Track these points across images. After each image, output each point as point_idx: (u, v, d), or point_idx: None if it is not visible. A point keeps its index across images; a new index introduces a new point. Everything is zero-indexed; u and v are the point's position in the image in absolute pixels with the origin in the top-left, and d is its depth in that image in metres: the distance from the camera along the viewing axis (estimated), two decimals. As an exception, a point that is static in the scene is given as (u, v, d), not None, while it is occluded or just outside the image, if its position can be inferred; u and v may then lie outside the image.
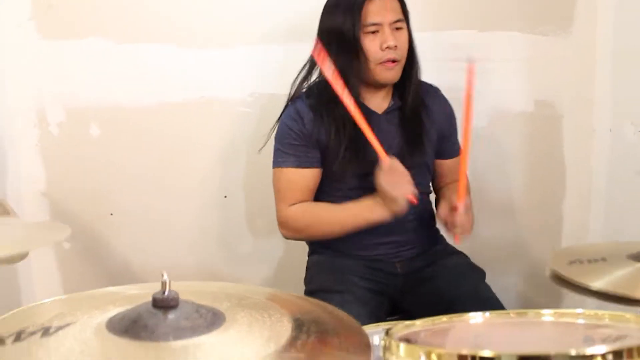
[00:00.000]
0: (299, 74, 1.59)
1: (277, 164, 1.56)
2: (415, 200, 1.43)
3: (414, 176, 1.46)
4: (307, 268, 1.69)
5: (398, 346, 0.75)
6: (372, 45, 1.47)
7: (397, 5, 1.51)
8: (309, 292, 1.60)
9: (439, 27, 1.93)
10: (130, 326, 0.71)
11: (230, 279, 1.97)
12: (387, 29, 1.47)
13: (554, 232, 2.11)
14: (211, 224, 1.99)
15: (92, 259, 1.96)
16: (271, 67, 1.90)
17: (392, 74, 1.51)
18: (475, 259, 1.65)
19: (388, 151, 1.46)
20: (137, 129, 1.90)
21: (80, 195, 1.90)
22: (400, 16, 1.50)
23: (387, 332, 0.81)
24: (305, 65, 1.59)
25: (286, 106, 1.59)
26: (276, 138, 1.58)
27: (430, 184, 1.69)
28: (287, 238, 1.61)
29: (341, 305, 0.84)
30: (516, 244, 2.11)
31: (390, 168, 1.43)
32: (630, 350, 0.59)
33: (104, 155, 1.89)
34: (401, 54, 1.50)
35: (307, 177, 1.54)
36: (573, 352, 0.59)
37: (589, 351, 0.60)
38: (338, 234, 1.54)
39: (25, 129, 1.85)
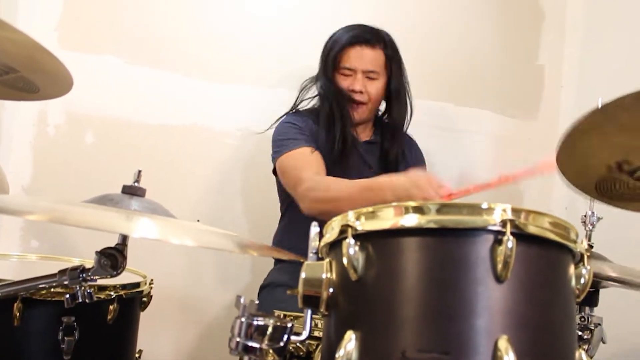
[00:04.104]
0: (301, 91, 1.78)
1: (285, 148, 1.62)
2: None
3: None
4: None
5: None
6: (342, 84, 1.68)
7: (377, 58, 1.68)
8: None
9: (420, 96, 2.12)
10: (97, 199, 0.80)
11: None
12: (359, 75, 1.66)
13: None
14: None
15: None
16: (261, 108, 2.04)
17: (356, 113, 1.69)
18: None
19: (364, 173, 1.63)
20: (129, 144, 2.01)
21: (60, 196, 1.97)
22: (376, 69, 1.68)
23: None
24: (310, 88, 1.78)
25: (285, 114, 1.75)
26: (276, 134, 1.69)
27: None
28: (311, 209, 1.50)
29: None
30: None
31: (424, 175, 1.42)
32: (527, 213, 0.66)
33: (93, 163, 1.99)
34: (368, 98, 1.68)
35: (318, 157, 1.61)
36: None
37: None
38: (356, 200, 1.36)
39: (24, 125, 1.96)
